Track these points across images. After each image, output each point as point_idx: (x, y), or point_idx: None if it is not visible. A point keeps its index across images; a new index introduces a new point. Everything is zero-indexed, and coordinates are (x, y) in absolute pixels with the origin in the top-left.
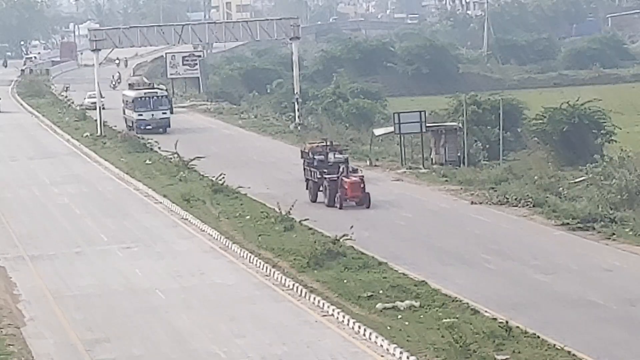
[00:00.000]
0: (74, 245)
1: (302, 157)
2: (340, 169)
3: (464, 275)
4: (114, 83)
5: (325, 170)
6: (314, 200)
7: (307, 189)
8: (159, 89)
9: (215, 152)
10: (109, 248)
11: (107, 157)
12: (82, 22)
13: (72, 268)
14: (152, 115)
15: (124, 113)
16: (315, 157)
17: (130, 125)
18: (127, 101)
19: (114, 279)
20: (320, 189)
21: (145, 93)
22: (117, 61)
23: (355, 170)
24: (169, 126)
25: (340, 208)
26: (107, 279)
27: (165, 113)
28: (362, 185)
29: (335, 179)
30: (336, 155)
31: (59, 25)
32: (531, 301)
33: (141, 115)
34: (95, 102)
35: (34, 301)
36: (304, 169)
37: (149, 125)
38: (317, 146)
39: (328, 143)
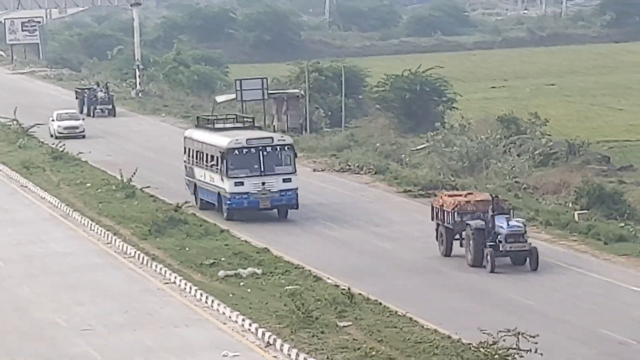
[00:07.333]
0: None
1: (434, 217)
2: None
3: (306, 243)
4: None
5: None
6: (448, 255)
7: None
8: (266, 130)
9: None
10: None
11: None
12: None
13: None
14: (264, 185)
15: (192, 175)
16: (465, 220)
17: (214, 201)
18: (199, 153)
19: None
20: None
21: (248, 141)
22: None
23: None
24: (297, 206)
25: None
26: None
27: (288, 180)
28: None
29: None
30: (511, 223)
31: None
32: (373, 268)
33: (241, 184)
34: (71, 129)
35: None
36: (439, 233)
37: (256, 202)
38: (469, 202)
39: (493, 197)
